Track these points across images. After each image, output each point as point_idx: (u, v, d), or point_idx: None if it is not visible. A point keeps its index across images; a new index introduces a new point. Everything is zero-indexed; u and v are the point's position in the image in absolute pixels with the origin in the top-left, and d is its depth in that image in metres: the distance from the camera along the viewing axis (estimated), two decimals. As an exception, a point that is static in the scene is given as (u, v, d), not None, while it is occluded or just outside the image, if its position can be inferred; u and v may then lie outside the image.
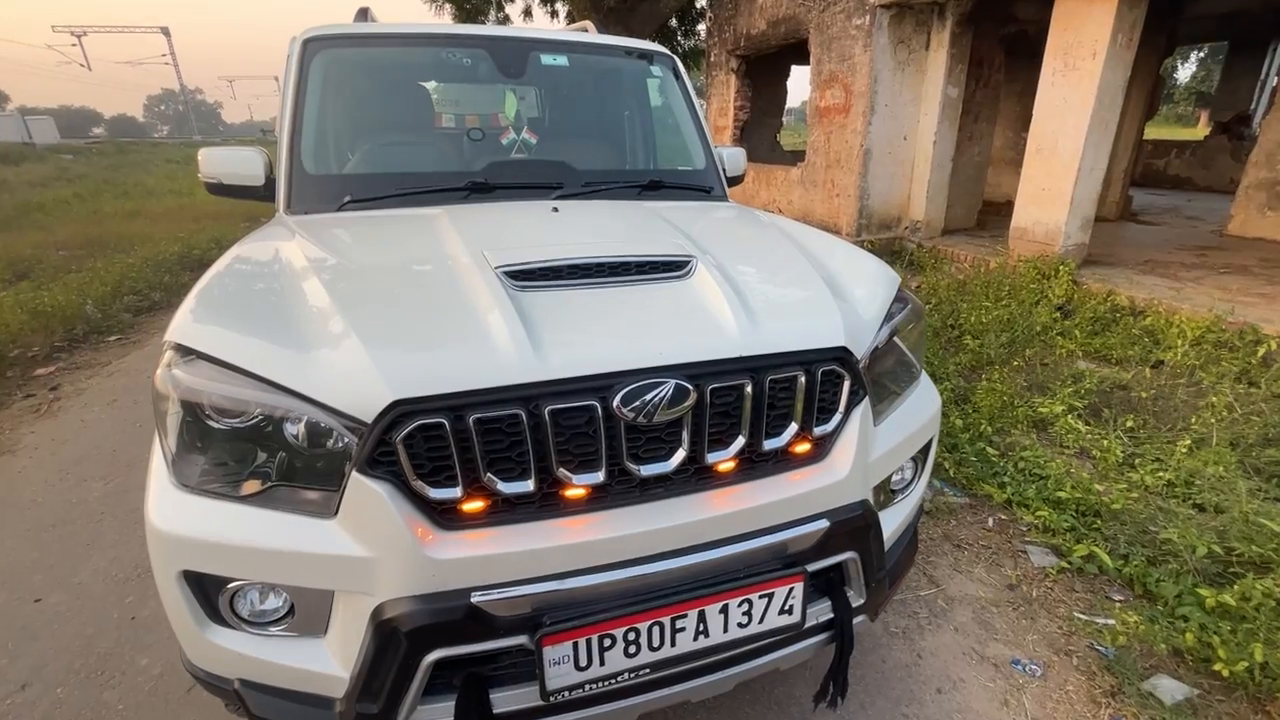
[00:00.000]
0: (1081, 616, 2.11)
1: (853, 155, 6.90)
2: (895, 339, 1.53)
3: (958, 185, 7.01)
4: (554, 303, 1.27)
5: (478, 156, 2.38)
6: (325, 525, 1.09)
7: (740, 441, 1.25)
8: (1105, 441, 2.93)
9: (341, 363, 1.09)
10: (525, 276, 1.34)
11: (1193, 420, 3.11)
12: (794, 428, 1.30)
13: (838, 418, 1.35)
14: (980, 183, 7.44)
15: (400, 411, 1.04)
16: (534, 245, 1.54)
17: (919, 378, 1.66)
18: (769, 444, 1.29)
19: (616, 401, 1.13)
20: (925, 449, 1.65)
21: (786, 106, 11.61)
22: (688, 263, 1.47)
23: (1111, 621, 2.05)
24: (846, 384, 1.33)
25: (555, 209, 1.89)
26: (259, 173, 2.18)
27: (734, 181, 2.72)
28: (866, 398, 1.38)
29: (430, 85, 2.57)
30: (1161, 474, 2.70)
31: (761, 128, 10.52)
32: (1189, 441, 2.90)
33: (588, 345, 1.17)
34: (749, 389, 1.23)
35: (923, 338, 1.70)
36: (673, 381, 1.15)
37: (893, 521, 1.55)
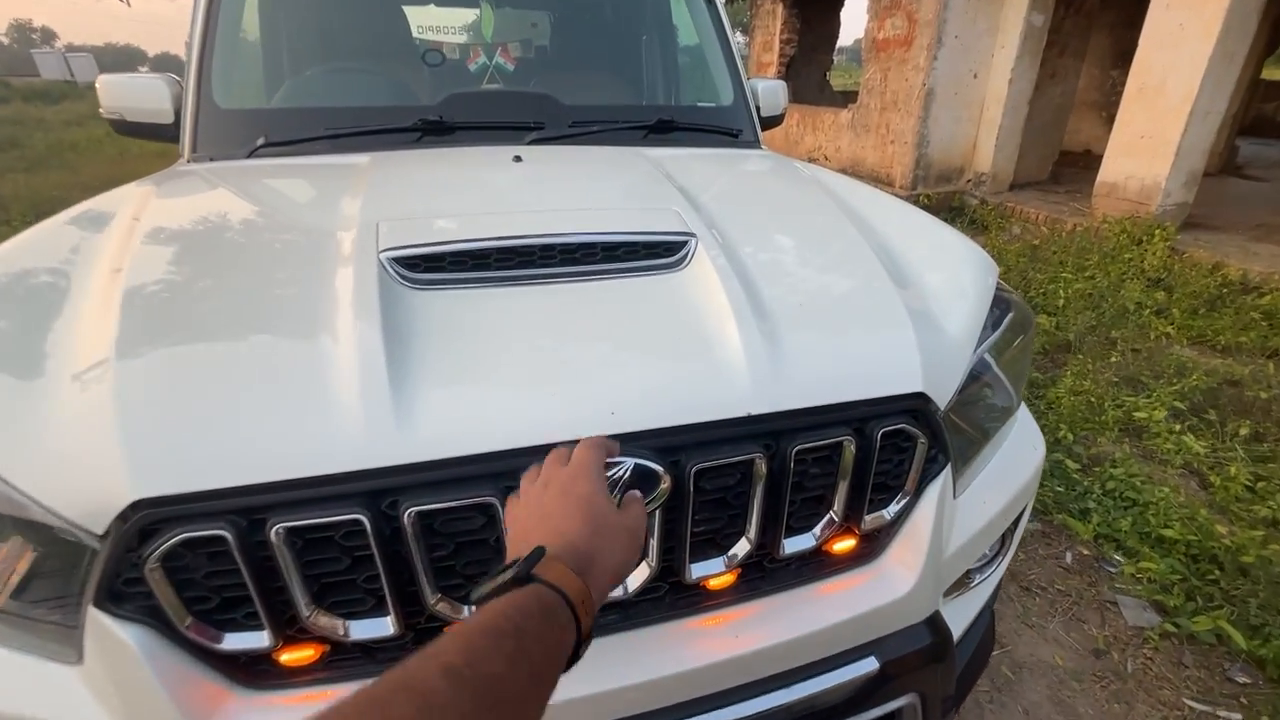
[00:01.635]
0: (1197, 706, 1.63)
1: (913, 95, 6.06)
2: (991, 363, 1.02)
3: (1032, 132, 6.13)
4: (455, 315, 0.81)
5: (439, 87, 1.87)
6: (65, 676, 0.68)
7: (744, 546, 0.79)
8: (1229, 467, 2.34)
9: (77, 437, 0.65)
10: (425, 266, 0.88)
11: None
12: (832, 518, 0.83)
13: (903, 500, 0.87)
14: (1060, 129, 6.52)
15: (151, 518, 0.61)
16: (462, 214, 1.06)
17: (1016, 412, 1.15)
18: (790, 545, 0.82)
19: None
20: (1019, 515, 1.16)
21: (838, 45, 10.52)
22: (682, 245, 0.98)
23: (1238, 717, 1.57)
24: (921, 447, 0.85)
25: (518, 158, 1.39)
26: (166, 106, 1.72)
27: (770, 123, 2.16)
28: (949, 466, 0.89)
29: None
30: (1299, 508, 2.14)
31: (810, 66, 9.54)
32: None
33: (486, 402, 0.71)
34: (761, 465, 0.75)
35: (1028, 357, 1.18)
36: (631, 461, 0.69)
37: (965, 614, 1.09)
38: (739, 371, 0.77)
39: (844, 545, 0.86)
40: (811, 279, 1.00)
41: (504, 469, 0.67)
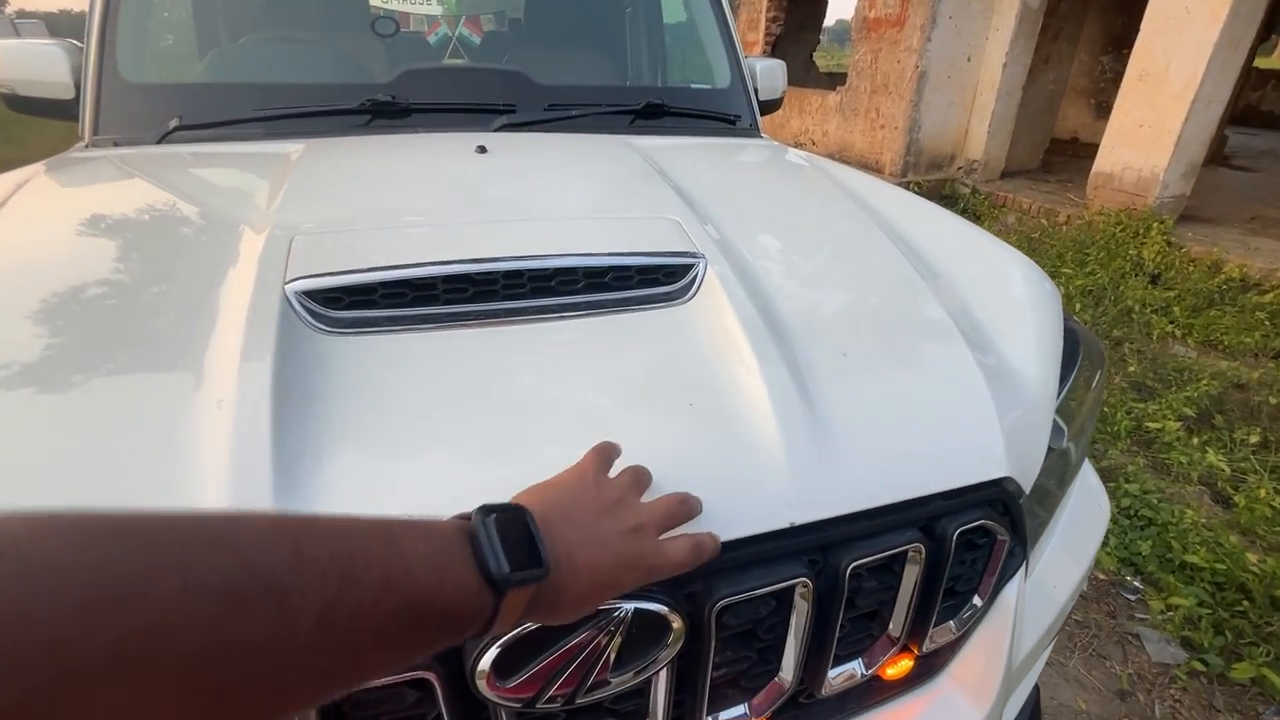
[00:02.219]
0: (1233, 759, 1.49)
1: (904, 78, 5.86)
2: (1057, 419, 0.83)
3: (1025, 118, 5.98)
4: (381, 375, 0.59)
5: (393, 62, 1.61)
6: None
7: (781, 684, 0.59)
8: (1254, 485, 2.21)
9: None
10: (349, 302, 0.65)
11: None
12: (889, 639, 0.64)
13: (974, 609, 0.67)
14: (1052, 116, 6.38)
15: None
16: (405, 224, 0.83)
17: (1080, 472, 0.96)
18: (834, 675, 0.62)
19: (483, 666, 0.46)
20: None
21: (824, 24, 10.25)
22: (687, 269, 0.77)
23: (1279, 772, 1.44)
24: (1000, 544, 0.65)
25: (482, 149, 1.16)
26: (65, 79, 1.44)
27: (769, 108, 1.94)
28: (1025, 562, 0.71)
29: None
30: (1323, 528, 2.02)
31: (796, 45, 9.27)
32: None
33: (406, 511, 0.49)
34: (806, 590, 0.55)
35: (1099, 404, 0.99)
36: (629, 606, 0.48)
37: (1015, 703, 0.91)
38: (775, 463, 0.56)
39: (898, 668, 0.66)
40: (856, 320, 0.79)
41: None
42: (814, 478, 0.56)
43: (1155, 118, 4.26)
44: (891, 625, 0.63)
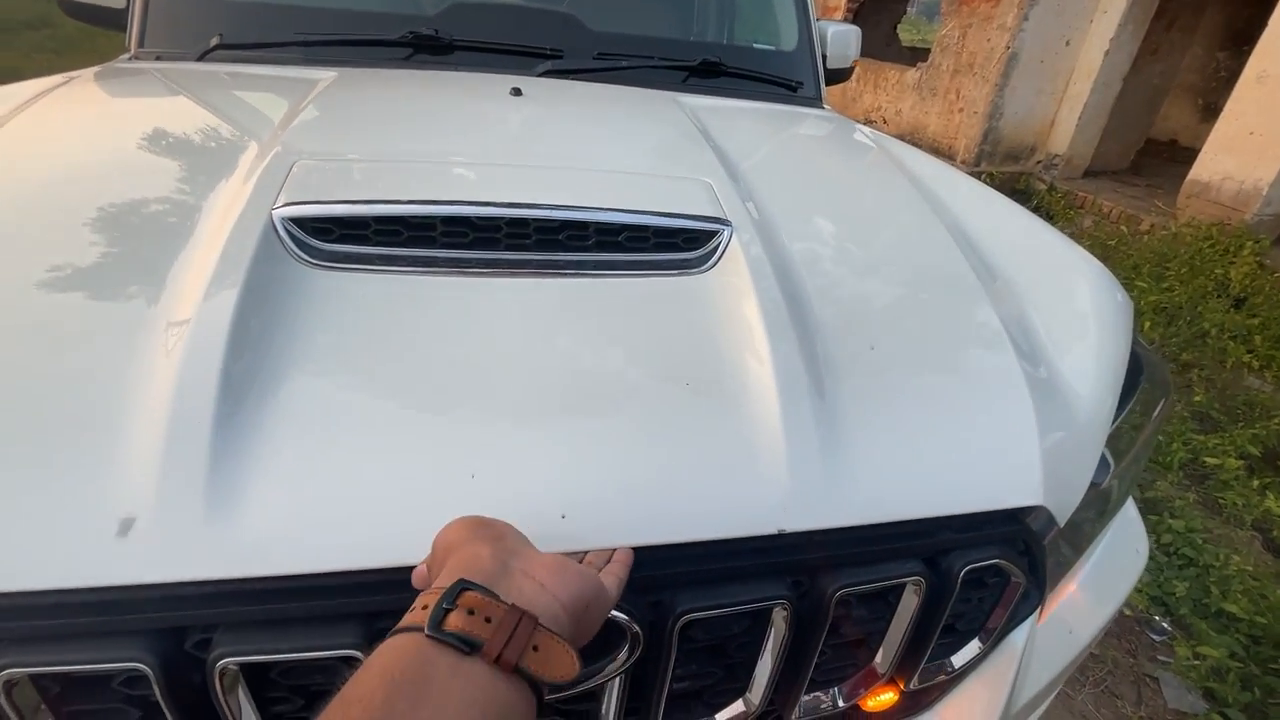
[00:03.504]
0: (1243, 824, 1.41)
1: (992, 59, 5.45)
2: (1106, 453, 0.74)
3: (1121, 113, 5.52)
4: (358, 317, 0.56)
5: (442, -7, 1.54)
6: None
7: (747, 705, 0.55)
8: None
9: None
10: (340, 234, 0.62)
11: None
12: (874, 671, 0.59)
13: (974, 649, 0.62)
14: (1151, 114, 5.88)
15: None
16: (416, 160, 0.79)
17: (1122, 509, 0.88)
18: (808, 703, 0.58)
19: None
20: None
21: (915, -11, 9.59)
22: (711, 235, 0.70)
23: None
24: (1016, 585, 0.59)
25: (516, 90, 1.10)
26: (121, -13, 1.43)
27: (836, 77, 1.81)
28: (1041, 605, 0.64)
29: None
30: (1386, 594, 1.86)
31: (880, 14, 8.73)
32: None
33: (362, 485, 0.47)
34: (783, 616, 0.51)
35: (1155, 437, 0.90)
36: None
37: None
38: (772, 461, 0.51)
39: (880, 700, 0.61)
40: (893, 315, 0.71)
41: (380, 605, 0.43)
42: (814, 482, 0.51)
43: (1269, 125, 3.86)
44: (879, 659, 0.58)
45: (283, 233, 0.60)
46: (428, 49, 1.30)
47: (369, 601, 0.43)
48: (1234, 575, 1.87)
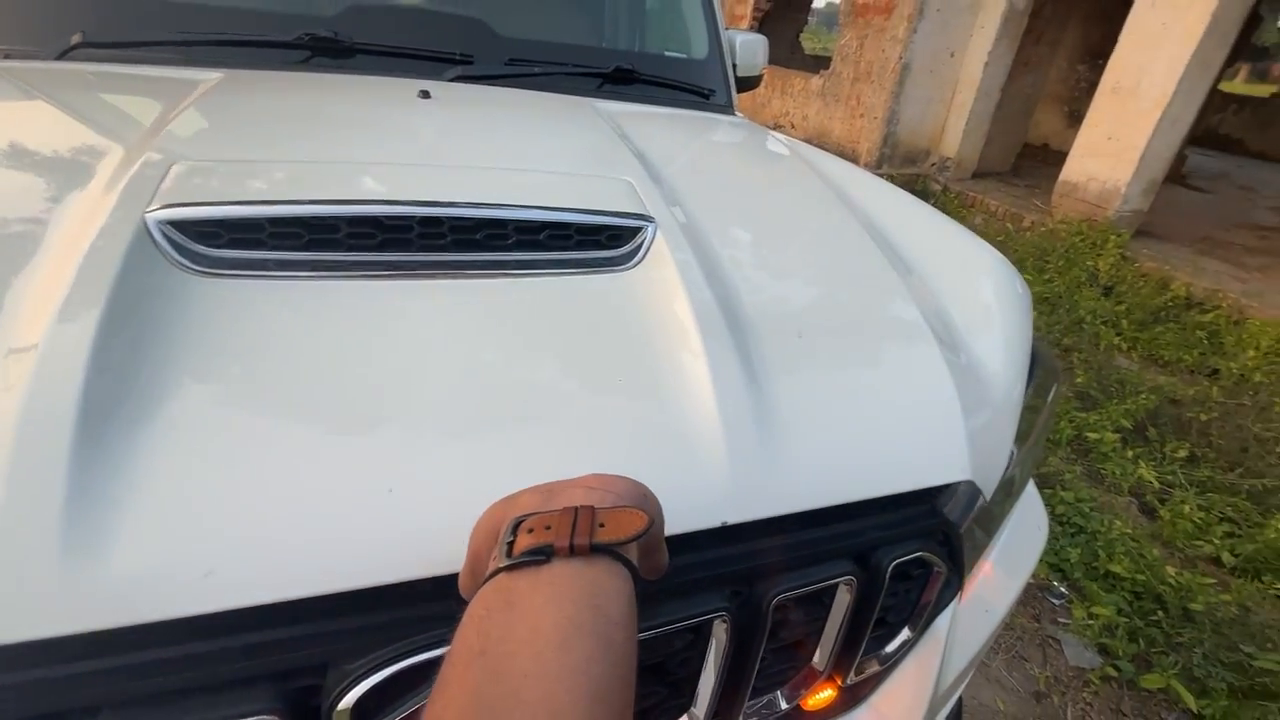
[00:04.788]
0: (1135, 763, 1.56)
1: (888, 68, 5.81)
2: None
3: (1000, 120, 6.02)
4: (250, 327, 0.51)
5: (339, -6, 1.46)
6: None
7: (692, 719, 0.54)
8: (1180, 501, 2.29)
9: None
10: (229, 239, 0.56)
11: (1263, 458, 2.52)
12: (813, 671, 0.60)
13: (903, 641, 0.64)
14: (1027, 120, 6.44)
15: None
16: (316, 161, 0.74)
17: (1024, 490, 0.95)
18: (753, 706, 0.58)
19: (343, 706, 0.40)
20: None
21: (812, 5, 10.09)
22: (635, 232, 0.70)
23: (1175, 777, 1.51)
24: (939, 575, 0.62)
25: (425, 94, 1.05)
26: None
27: (746, 85, 1.86)
28: (960, 591, 0.68)
29: None
30: (1238, 543, 2.11)
31: (783, 24, 9.12)
32: (1262, 484, 2.32)
33: (254, 511, 0.42)
34: (723, 627, 0.51)
35: (1051, 423, 0.97)
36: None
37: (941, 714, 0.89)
38: (712, 455, 0.50)
39: (819, 699, 0.63)
40: (819, 307, 0.73)
41: (288, 648, 0.39)
42: (756, 473, 0.51)
43: (1123, 131, 4.33)
44: (817, 657, 0.59)
45: (159, 237, 0.53)
46: (326, 52, 1.22)
47: (261, 642, 0.38)
48: (1116, 539, 2.06)
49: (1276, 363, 3.17)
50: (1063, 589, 1.99)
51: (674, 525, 0.47)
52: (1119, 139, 4.35)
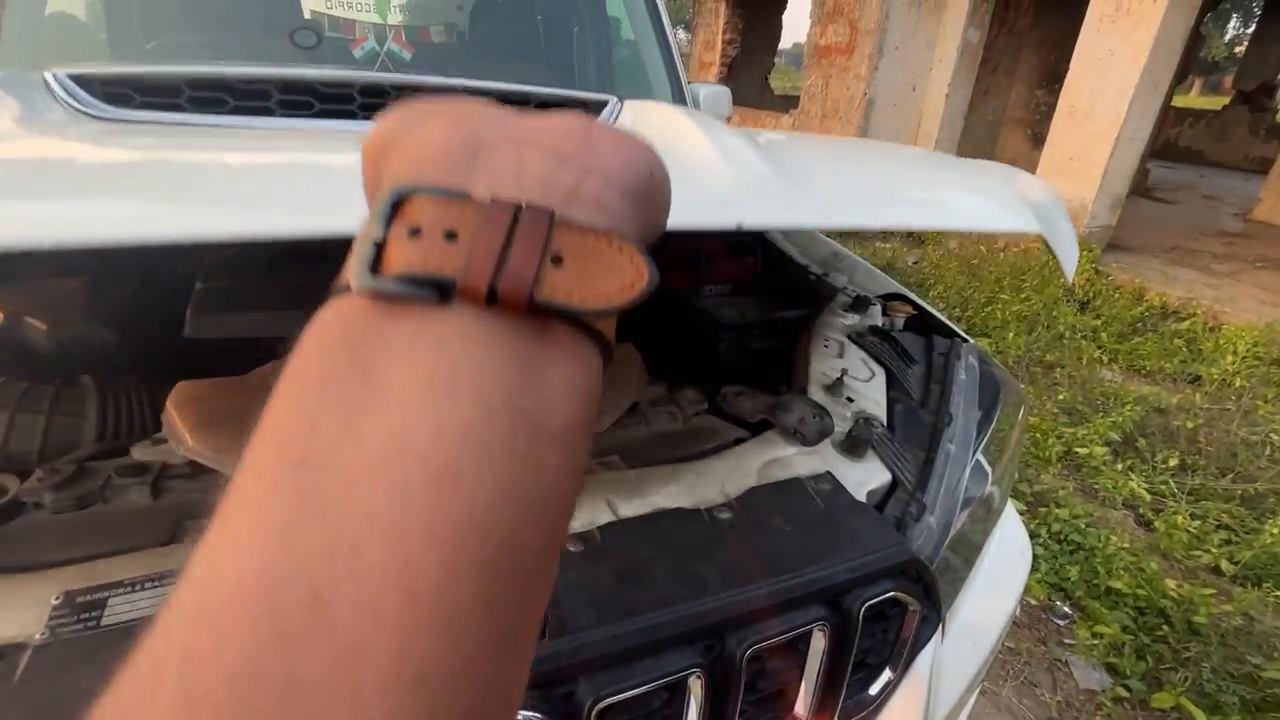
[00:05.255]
0: (1154, 788, 1.52)
1: (853, 105, 6.03)
2: (983, 462, 0.82)
3: (967, 147, 6.22)
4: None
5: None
6: None
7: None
8: (1173, 512, 2.29)
9: None
10: (140, 101, 0.57)
11: (1253, 462, 2.53)
12: (800, 715, 0.60)
13: (885, 679, 0.64)
14: (992, 146, 6.67)
15: None
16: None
17: (1003, 512, 0.96)
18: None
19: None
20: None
21: (779, 46, 10.50)
22: (603, 104, 0.74)
23: (1196, 800, 1.47)
24: (914, 614, 0.63)
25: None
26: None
27: (712, 134, 1.93)
28: (941, 625, 0.68)
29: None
30: (1236, 550, 2.11)
31: (751, 67, 9.46)
32: (1254, 489, 2.33)
33: None
34: (699, 679, 0.51)
35: (1020, 446, 0.99)
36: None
37: None
38: (726, 173, 0.52)
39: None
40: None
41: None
42: (766, 180, 0.53)
43: (1083, 152, 4.48)
44: (799, 706, 0.59)
45: (58, 90, 0.53)
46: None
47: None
48: (1115, 554, 2.05)
49: (1255, 366, 3.22)
50: (1066, 609, 1.98)
51: (687, 219, 0.39)
52: (1080, 159, 4.51)
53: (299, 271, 0.97)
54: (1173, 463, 2.64)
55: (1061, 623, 1.95)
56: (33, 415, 0.66)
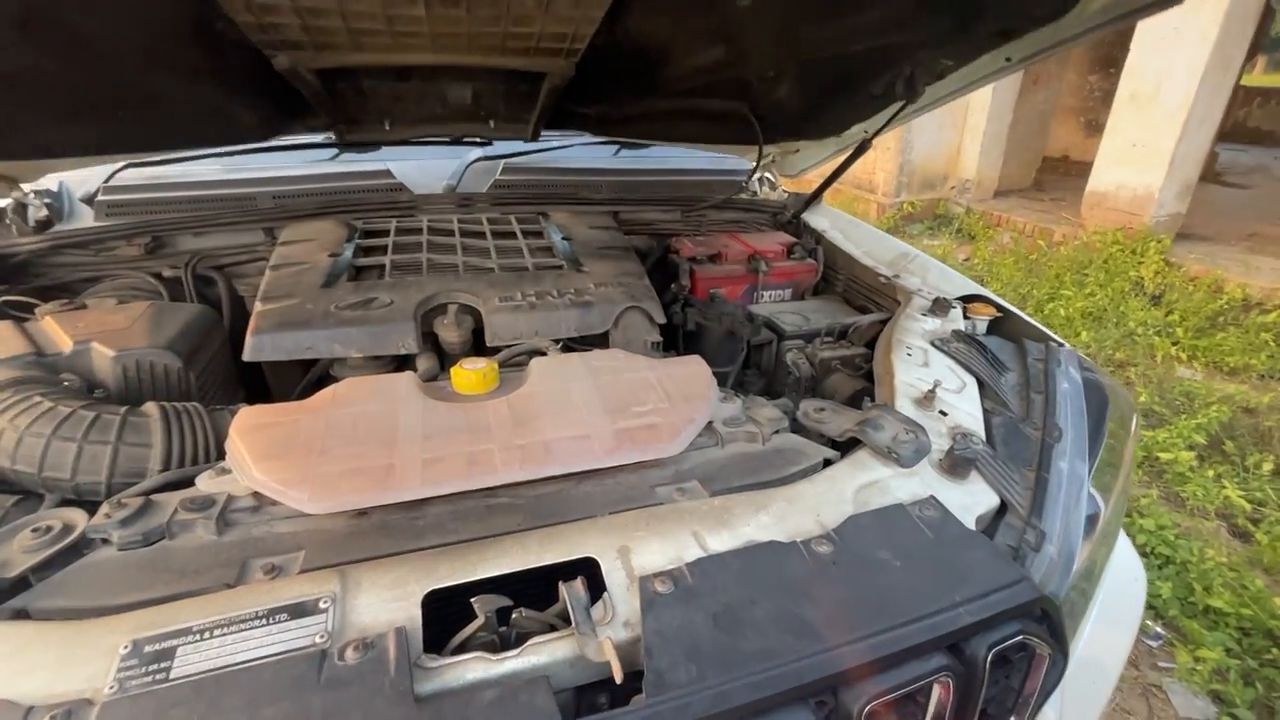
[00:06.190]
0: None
1: (895, 99, 5.85)
2: (1095, 495, 0.73)
3: (1016, 138, 5.97)
4: None
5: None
6: None
7: None
8: (1276, 521, 2.10)
9: None
10: None
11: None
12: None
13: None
14: (1043, 135, 6.38)
15: None
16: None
17: (1116, 542, 0.86)
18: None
19: None
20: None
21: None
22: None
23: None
24: (1043, 658, 0.56)
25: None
26: None
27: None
28: (1067, 664, 0.60)
29: None
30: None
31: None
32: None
33: None
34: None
35: (1131, 462, 0.89)
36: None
37: None
38: None
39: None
40: None
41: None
42: None
43: (1148, 137, 4.23)
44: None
45: None
46: None
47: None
48: (1212, 569, 1.89)
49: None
50: (1159, 629, 1.82)
51: None
52: (1145, 145, 4.26)
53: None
54: (1267, 467, 2.44)
55: (1154, 644, 1.80)
56: (100, 445, 0.65)
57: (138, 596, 0.48)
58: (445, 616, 0.51)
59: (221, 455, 0.67)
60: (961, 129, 5.95)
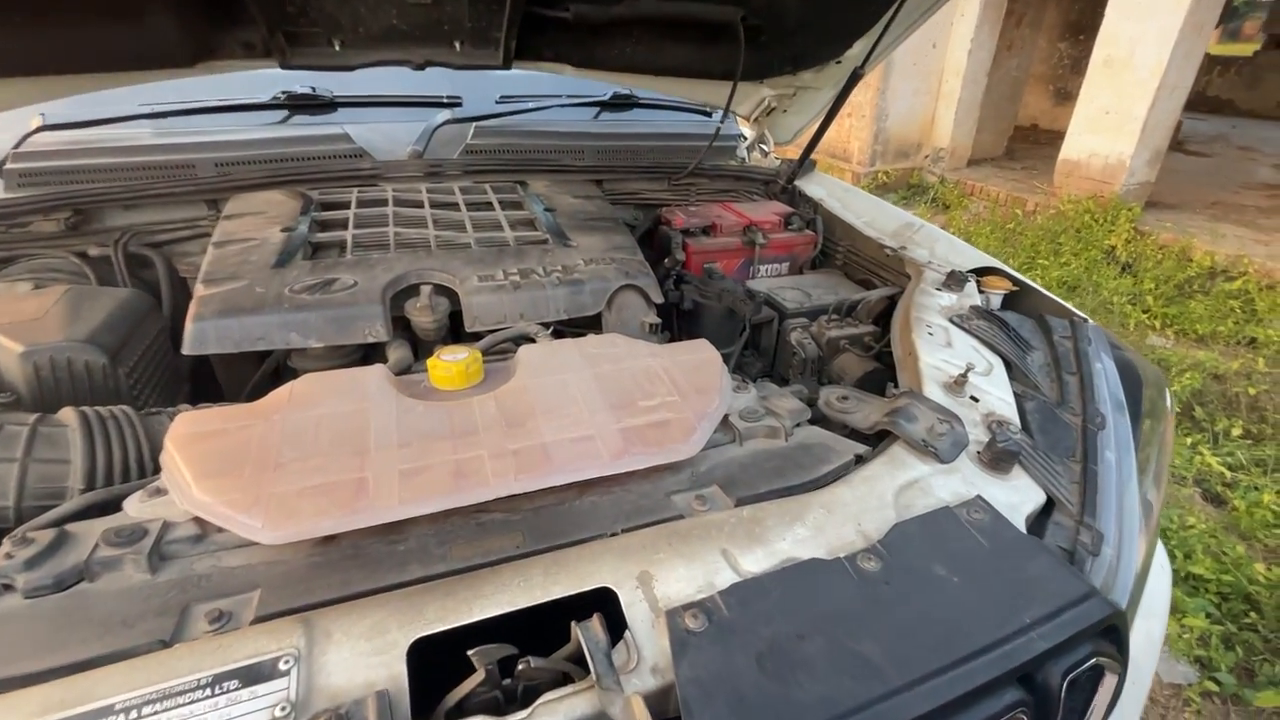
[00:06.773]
0: (1259, 793, 1.40)
1: (871, 66, 5.75)
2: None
3: (990, 105, 5.95)
4: None
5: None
6: None
7: None
8: (1259, 491, 2.13)
9: None
10: None
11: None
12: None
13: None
14: (1016, 103, 6.38)
15: None
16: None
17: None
18: None
19: None
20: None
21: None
22: None
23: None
24: (1114, 678, 0.50)
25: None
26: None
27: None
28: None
29: None
30: (1321, 529, 1.96)
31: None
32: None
33: None
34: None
35: (1170, 446, 0.85)
36: None
37: None
38: None
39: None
40: None
41: None
42: None
43: (1121, 104, 4.24)
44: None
45: None
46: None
47: None
48: (1193, 537, 1.92)
49: (1317, 325, 3.03)
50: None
51: None
52: (1117, 112, 4.26)
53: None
54: (1236, 432, 2.49)
55: (1137, 611, 1.82)
56: (4, 464, 0.54)
57: (45, 663, 0.39)
58: (434, 664, 0.42)
59: (158, 471, 0.56)
60: (936, 95, 5.90)
